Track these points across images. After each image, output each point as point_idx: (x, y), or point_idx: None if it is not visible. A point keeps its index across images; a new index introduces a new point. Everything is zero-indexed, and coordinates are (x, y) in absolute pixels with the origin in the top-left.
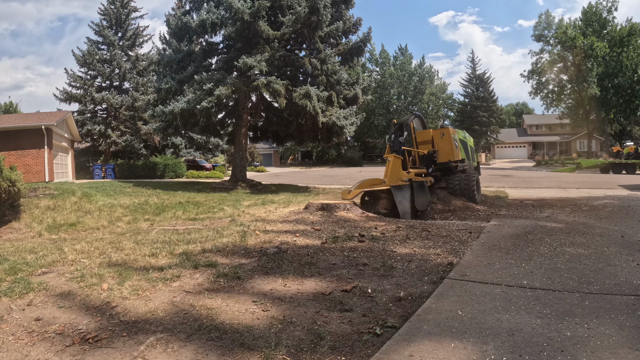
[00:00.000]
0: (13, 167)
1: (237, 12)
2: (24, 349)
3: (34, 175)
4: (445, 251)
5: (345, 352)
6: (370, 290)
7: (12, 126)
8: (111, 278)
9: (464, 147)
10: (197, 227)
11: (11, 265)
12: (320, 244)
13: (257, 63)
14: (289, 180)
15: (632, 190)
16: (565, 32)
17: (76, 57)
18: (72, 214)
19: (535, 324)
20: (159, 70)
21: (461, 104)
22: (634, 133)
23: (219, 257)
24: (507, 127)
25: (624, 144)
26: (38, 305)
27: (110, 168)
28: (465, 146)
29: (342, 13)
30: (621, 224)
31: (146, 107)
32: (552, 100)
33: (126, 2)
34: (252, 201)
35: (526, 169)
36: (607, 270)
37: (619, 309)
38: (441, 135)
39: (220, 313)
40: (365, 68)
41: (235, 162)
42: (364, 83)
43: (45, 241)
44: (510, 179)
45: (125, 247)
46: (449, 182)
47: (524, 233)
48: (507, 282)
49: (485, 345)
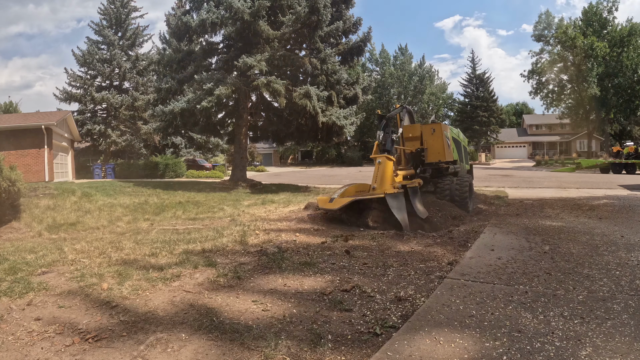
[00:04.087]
0: (13, 166)
1: (237, 11)
2: (24, 349)
3: (34, 175)
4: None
5: (345, 351)
6: (370, 290)
7: (12, 126)
8: (111, 278)
9: (457, 147)
10: (197, 227)
11: (11, 265)
12: (320, 244)
13: (257, 63)
14: (288, 180)
15: (632, 190)
16: (565, 32)
17: (76, 57)
18: (72, 214)
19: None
20: (159, 70)
21: (461, 103)
22: (634, 133)
23: (219, 256)
24: (507, 127)
25: (624, 144)
26: (38, 305)
27: (110, 168)
28: (459, 146)
29: (342, 13)
30: (621, 224)
31: (146, 107)
32: (552, 100)
33: (126, 1)
34: (252, 201)
35: (526, 169)
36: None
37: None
38: (432, 131)
39: (220, 313)
40: (365, 68)
41: (235, 162)
42: (364, 83)
43: (45, 241)
44: (510, 178)
45: (125, 246)
46: (438, 186)
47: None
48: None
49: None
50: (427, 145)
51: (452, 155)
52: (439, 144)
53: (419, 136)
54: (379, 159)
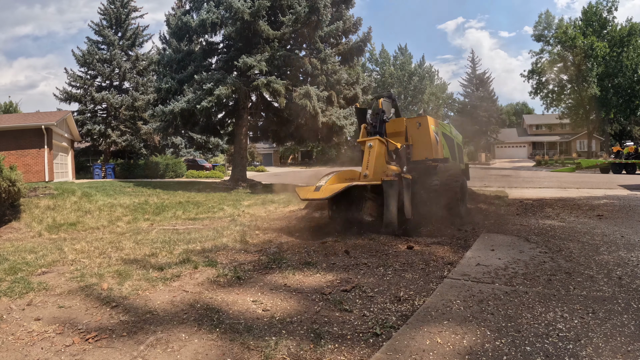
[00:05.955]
0: (13, 166)
1: (237, 11)
2: (24, 349)
3: (34, 175)
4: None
5: (345, 351)
6: (370, 290)
7: (12, 126)
8: (111, 278)
9: (450, 144)
10: (197, 227)
11: (11, 265)
12: (320, 243)
13: (257, 63)
14: (289, 179)
15: (632, 190)
16: (565, 32)
17: (76, 57)
18: (72, 214)
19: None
20: (159, 70)
21: (461, 103)
22: (634, 133)
23: (219, 256)
24: (507, 127)
25: (624, 144)
26: (38, 305)
27: (110, 168)
28: (452, 143)
29: (342, 13)
30: (621, 224)
31: (146, 107)
32: (552, 100)
33: (126, 1)
34: (252, 201)
35: (526, 169)
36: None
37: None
38: (417, 125)
39: (220, 313)
40: (365, 68)
41: (235, 162)
42: (364, 83)
43: (45, 241)
44: (510, 178)
45: (125, 246)
46: (424, 187)
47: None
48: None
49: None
50: (413, 141)
51: (442, 152)
52: (425, 140)
53: (404, 131)
54: (369, 142)
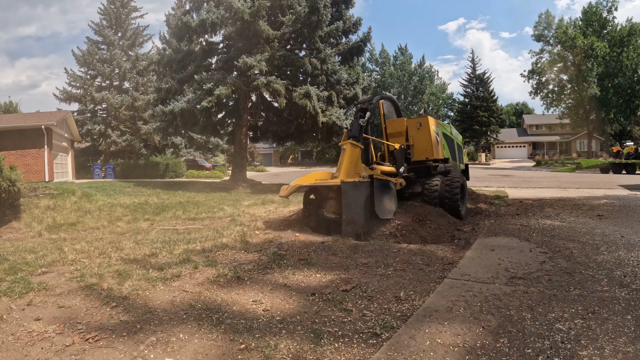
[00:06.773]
0: (13, 166)
1: (237, 11)
2: (24, 349)
3: (34, 175)
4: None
5: (345, 351)
6: (370, 290)
7: (12, 126)
8: (111, 278)
9: (450, 144)
10: (197, 227)
11: (11, 265)
12: (320, 243)
13: (257, 63)
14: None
15: (632, 190)
16: (565, 32)
17: (76, 57)
18: (72, 214)
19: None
20: (159, 70)
21: (461, 103)
22: (634, 133)
23: (219, 256)
24: (507, 127)
25: (624, 144)
26: (38, 305)
27: (110, 168)
28: (452, 144)
29: (342, 13)
30: (621, 224)
31: (146, 107)
32: (552, 100)
33: (126, 2)
34: (252, 201)
35: (526, 169)
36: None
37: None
38: (417, 125)
39: (220, 313)
40: (365, 68)
41: (235, 162)
42: (364, 83)
43: (45, 241)
44: (510, 178)
45: (125, 246)
46: (425, 187)
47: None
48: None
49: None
50: (413, 142)
51: (442, 153)
52: (426, 140)
53: (404, 131)
54: (343, 146)
